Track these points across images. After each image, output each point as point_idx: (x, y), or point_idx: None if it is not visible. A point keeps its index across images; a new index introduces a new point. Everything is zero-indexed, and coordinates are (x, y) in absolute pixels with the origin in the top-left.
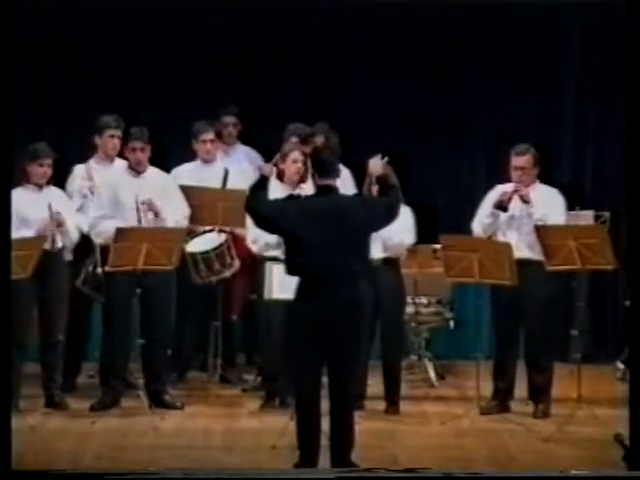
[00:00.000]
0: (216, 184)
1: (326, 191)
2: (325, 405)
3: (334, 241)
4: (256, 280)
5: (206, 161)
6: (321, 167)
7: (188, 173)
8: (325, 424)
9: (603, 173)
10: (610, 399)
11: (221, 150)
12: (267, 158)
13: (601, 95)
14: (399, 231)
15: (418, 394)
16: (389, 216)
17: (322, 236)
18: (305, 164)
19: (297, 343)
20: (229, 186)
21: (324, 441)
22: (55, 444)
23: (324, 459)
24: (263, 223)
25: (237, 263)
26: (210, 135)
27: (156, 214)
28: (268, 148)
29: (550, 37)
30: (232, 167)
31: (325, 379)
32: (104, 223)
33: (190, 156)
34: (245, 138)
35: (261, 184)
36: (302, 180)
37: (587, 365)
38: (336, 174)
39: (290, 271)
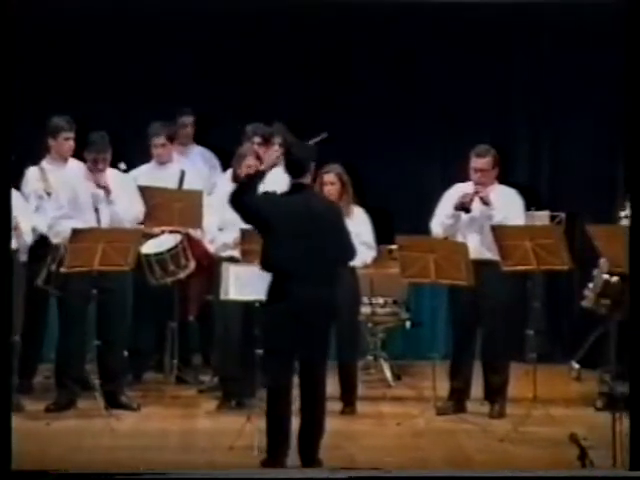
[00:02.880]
0: (172, 185)
1: (299, 189)
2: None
3: (306, 239)
4: (213, 281)
5: (161, 163)
6: (293, 166)
7: (144, 174)
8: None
9: (559, 173)
10: (565, 399)
11: (177, 151)
12: (222, 158)
13: (558, 95)
14: (359, 251)
15: (374, 394)
16: (343, 257)
17: (295, 234)
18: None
19: (270, 343)
20: (185, 187)
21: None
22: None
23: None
24: (249, 218)
25: (192, 264)
26: (162, 139)
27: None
28: (222, 148)
29: (507, 37)
30: (188, 168)
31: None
32: (62, 223)
33: (148, 156)
34: (199, 139)
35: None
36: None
37: (542, 365)
38: (308, 172)
39: (264, 267)
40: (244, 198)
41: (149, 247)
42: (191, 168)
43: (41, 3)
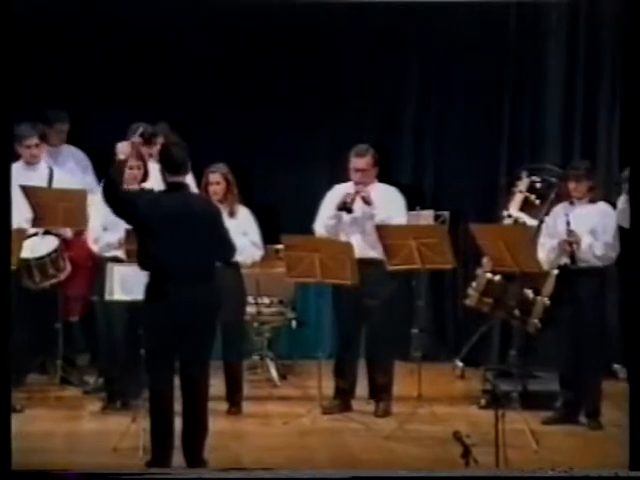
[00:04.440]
0: (42, 185)
1: (176, 188)
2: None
3: (183, 238)
4: (97, 281)
5: (30, 163)
6: (170, 164)
7: (13, 175)
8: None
9: (443, 173)
10: (449, 397)
11: (47, 151)
12: (95, 158)
13: (441, 94)
14: (245, 247)
15: (261, 394)
16: (222, 257)
17: (173, 233)
18: (141, 168)
19: (150, 342)
20: (54, 186)
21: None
22: None
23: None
24: (122, 211)
25: (69, 266)
26: (34, 140)
27: None
28: (96, 149)
29: (391, 37)
30: (59, 167)
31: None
32: None
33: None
34: (72, 139)
35: (118, 169)
36: (143, 180)
37: (427, 363)
38: (185, 171)
39: (142, 266)
40: (117, 192)
41: (28, 251)
42: (62, 168)
43: None
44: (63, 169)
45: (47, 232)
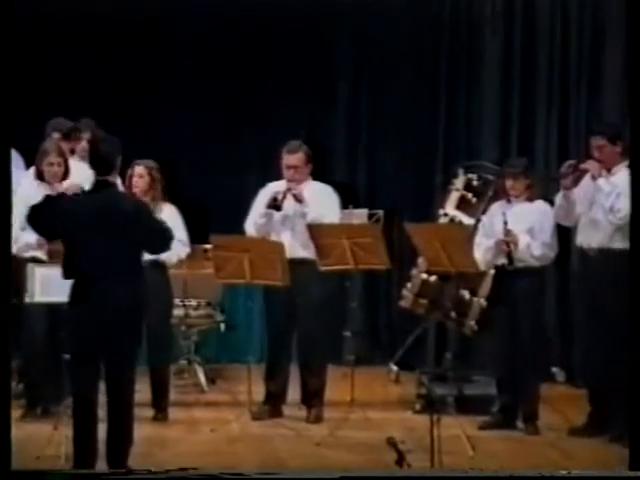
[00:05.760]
0: None
1: (102, 187)
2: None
3: (109, 239)
4: (17, 283)
5: None
6: (99, 163)
7: None
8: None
9: (377, 170)
10: (384, 402)
11: None
12: (28, 157)
13: (375, 90)
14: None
15: (188, 400)
16: (160, 246)
17: (97, 234)
18: (62, 165)
19: (73, 347)
20: None
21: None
22: None
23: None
24: (43, 232)
25: None
26: None
27: None
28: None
29: (324, 32)
30: None
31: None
32: None
33: None
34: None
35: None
36: (64, 178)
37: (361, 367)
38: (115, 169)
39: (66, 275)
40: (40, 221)
41: None
42: None
43: None
44: None
45: None
